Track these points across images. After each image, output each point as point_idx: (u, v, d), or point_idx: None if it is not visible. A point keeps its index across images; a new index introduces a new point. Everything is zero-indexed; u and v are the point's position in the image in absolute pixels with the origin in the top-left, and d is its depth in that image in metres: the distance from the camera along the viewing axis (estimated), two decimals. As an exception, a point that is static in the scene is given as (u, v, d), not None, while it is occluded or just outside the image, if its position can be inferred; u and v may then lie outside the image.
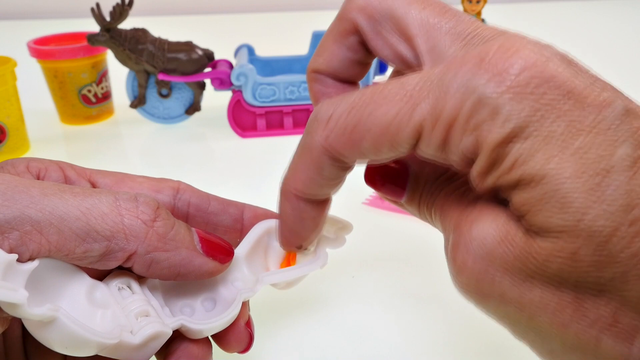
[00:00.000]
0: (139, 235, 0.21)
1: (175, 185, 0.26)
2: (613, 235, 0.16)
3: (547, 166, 0.16)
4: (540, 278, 0.17)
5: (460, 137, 0.17)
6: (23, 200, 0.19)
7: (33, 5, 1.17)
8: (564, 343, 0.17)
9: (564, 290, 0.16)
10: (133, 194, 0.22)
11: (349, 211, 0.39)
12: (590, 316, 0.16)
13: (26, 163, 0.23)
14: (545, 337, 0.17)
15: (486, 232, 0.18)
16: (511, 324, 0.18)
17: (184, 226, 0.23)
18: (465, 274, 0.18)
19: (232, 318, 0.24)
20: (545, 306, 0.17)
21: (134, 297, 0.22)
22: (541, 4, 1.19)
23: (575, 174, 0.16)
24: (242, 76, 0.55)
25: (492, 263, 0.17)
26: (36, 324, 0.18)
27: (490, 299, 0.18)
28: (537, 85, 0.16)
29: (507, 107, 0.16)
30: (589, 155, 0.16)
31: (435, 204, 0.22)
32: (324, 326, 0.32)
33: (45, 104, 0.63)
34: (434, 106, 0.17)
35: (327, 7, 1.26)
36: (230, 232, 0.27)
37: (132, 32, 0.55)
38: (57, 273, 0.21)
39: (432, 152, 0.18)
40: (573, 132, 0.16)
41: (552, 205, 0.16)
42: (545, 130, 0.16)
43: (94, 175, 0.25)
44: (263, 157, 0.54)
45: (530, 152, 0.16)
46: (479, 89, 0.16)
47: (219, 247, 0.24)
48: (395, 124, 0.18)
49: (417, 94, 0.17)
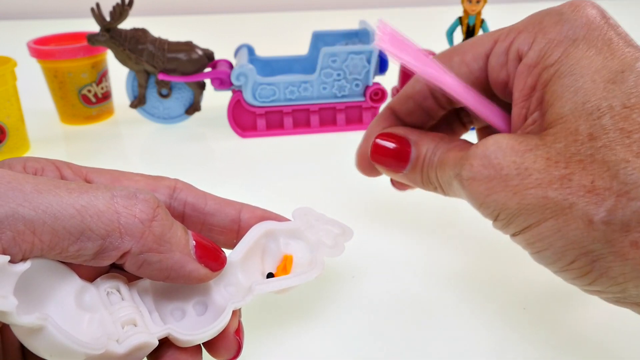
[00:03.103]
0: (134, 234, 0.21)
1: (171, 184, 0.26)
2: (607, 113, 0.21)
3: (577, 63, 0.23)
4: (542, 152, 0.22)
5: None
6: (16, 197, 0.18)
7: (33, 5, 1.17)
8: (544, 207, 0.22)
9: (560, 160, 0.22)
10: (132, 191, 0.22)
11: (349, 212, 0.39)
12: (574, 184, 0.21)
13: (23, 163, 0.23)
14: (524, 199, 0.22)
15: (500, 139, 0.23)
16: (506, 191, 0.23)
17: (181, 228, 0.23)
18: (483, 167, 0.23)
19: (221, 328, 0.23)
20: (539, 169, 0.22)
21: (123, 304, 0.22)
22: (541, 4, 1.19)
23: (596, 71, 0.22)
24: (242, 76, 0.55)
25: (505, 155, 0.23)
26: (24, 331, 0.18)
27: (494, 181, 0.23)
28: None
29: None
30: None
31: (437, 162, 0.27)
32: (321, 329, 0.32)
33: (45, 104, 0.63)
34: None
35: (327, 7, 1.26)
36: (227, 233, 0.27)
37: (132, 32, 0.55)
38: (48, 274, 0.21)
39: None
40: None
41: (571, 92, 0.22)
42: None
43: (90, 174, 0.25)
44: (263, 157, 0.54)
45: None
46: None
47: (213, 254, 0.24)
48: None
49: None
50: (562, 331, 0.31)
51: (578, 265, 0.22)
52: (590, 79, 0.22)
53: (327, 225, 0.29)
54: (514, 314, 0.32)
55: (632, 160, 0.20)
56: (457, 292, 0.34)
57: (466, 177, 0.24)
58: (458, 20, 0.60)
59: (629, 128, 0.21)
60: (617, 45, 0.23)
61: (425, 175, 0.28)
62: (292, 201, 0.40)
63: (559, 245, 0.22)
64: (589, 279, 0.22)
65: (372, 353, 0.30)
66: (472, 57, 0.27)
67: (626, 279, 0.21)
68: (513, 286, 0.35)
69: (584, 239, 0.21)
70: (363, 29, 0.61)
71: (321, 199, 0.45)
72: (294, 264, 0.28)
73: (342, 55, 0.55)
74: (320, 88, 0.57)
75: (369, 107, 0.58)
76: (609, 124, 0.21)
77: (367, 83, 0.57)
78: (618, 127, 0.21)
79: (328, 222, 0.30)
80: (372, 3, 1.26)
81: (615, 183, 0.20)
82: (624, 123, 0.21)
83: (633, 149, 0.20)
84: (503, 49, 0.26)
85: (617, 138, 0.21)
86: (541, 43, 0.24)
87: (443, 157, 0.27)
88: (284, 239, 0.28)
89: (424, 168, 0.28)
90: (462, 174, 0.24)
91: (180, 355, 0.23)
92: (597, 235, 0.21)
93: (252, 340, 0.30)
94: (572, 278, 0.23)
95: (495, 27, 0.30)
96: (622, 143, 0.20)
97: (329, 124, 0.59)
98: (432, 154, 0.27)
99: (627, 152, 0.20)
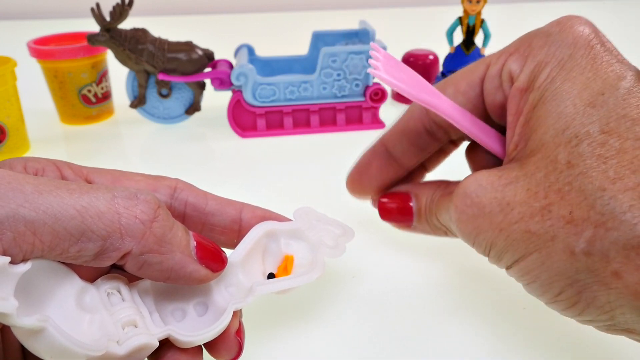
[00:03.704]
0: (135, 235, 0.21)
1: (172, 184, 0.26)
2: (585, 140, 0.21)
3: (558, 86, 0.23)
4: (523, 183, 0.22)
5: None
6: (17, 198, 0.18)
7: (33, 5, 1.17)
8: (528, 241, 0.22)
9: (540, 190, 0.22)
10: (133, 191, 0.21)
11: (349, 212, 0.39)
12: (553, 215, 0.21)
13: (24, 163, 0.23)
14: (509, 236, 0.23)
15: (479, 177, 0.24)
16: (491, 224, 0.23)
17: (182, 229, 0.23)
18: (467, 201, 0.24)
19: (221, 329, 0.23)
20: (520, 202, 0.22)
21: (123, 305, 0.22)
22: (541, 4, 1.19)
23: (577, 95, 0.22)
24: (242, 76, 0.55)
25: (484, 191, 0.23)
26: (25, 333, 0.18)
27: (479, 218, 0.24)
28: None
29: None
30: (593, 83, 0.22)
31: (435, 208, 0.28)
32: (321, 329, 0.32)
33: (45, 104, 0.63)
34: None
35: (327, 7, 1.26)
36: (228, 233, 0.27)
37: (132, 32, 0.55)
38: (48, 275, 0.21)
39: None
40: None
41: (552, 118, 0.22)
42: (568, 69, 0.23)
43: (90, 174, 0.25)
44: (263, 157, 0.54)
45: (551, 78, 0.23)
46: None
47: (214, 255, 0.24)
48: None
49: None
50: (562, 331, 0.31)
51: (566, 296, 0.22)
52: (572, 103, 0.22)
53: (328, 226, 0.29)
54: (514, 314, 0.32)
55: (609, 189, 0.20)
56: (457, 292, 0.35)
57: (454, 218, 0.25)
58: (458, 20, 0.60)
59: (605, 154, 0.20)
60: (602, 63, 0.22)
61: (431, 223, 0.28)
62: (292, 201, 0.40)
63: (545, 277, 0.22)
64: (578, 309, 0.22)
65: (373, 354, 0.30)
66: (467, 85, 0.27)
67: (612, 307, 0.20)
68: (513, 286, 0.35)
69: (567, 270, 0.21)
70: (363, 29, 0.61)
71: (321, 199, 0.45)
72: (295, 264, 0.28)
73: (342, 55, 0.55)
74: (320, 88, 0.57)
75: (369, 107, 0.58)
76: (587, 151, 0.21)
77: (367, 83, 0.57)
78: (595, 153, 0.20)
79: (329, 223, 0.30)
80: (372, 3, 1.26)
81: (592, 213, 0.20)
82: (601, 149, 0.20)
83: (609, 175, 0.20)
84: (496, 71, 0.26)
85: (593, 165, 0.20)
86: (531, 65, 0.24)
87: (439, 201, 0.27)
88: (285, 239, 0.28)
89: (427, 218, 0.28)
90: (451, 215, 0.25)
91: (181, 356, 0.23)
92: (579, 266, 0.20)
93: (253, 341, 0.30)
94: (563, 309, 0.22)
95: (495, 27, 0.30)
96: (598, 169, 0.20)
97: (329, 124, 0.59)
98: (430, 201, 0.28)
99: (604, 179, 0.20)
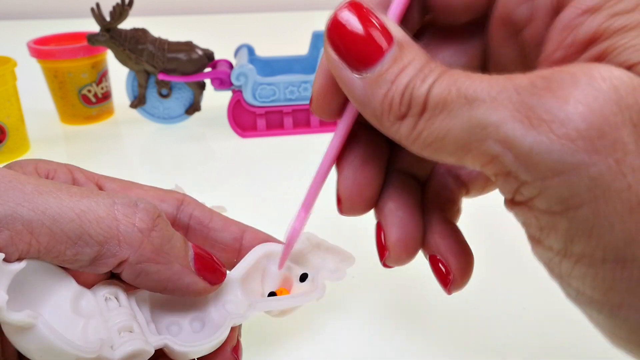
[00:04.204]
0: (133, 243, 0.20)
1: (180, 197, 0.26)
2: None
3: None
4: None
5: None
6: (16, 197, 0.18)
7: (33, 5, 1.17)
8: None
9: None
10: (133, 199, 0.21)
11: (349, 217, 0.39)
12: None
13: (34, 164, 0.23)
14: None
15: (619, 74, 0.15)
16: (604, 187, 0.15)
17: (181, 239, 0.22)
18: (589, 117, 0.14)
19: (219, 343, 0.23)
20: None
21: (120, 310, 0.22)
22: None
23: None
24: (242, 76, 0.55)
25: (621, 110, 0.15)
26: (14, 329, 0.18)
27: (602, 153, 0.15)
28: None
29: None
30: None
31: (448, 92, 0.17)
32: (320, 336, 0.32)
33: (45, 104, 0.63)
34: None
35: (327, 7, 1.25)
36: (229, 250, 0.27)
37: (132, 32, 0.55)
38: (44, 276, 0.20)
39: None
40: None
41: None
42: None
43: (101, 180, 0.25)
44: (263, 157, 0.54)
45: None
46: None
47: (212, 267, 0.23)
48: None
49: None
50: (562, 331, 0.31)
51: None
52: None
53: (328, 251, 0.29)
54: (514, 314, 0.32)
55: None
56: (457, 292, 0.34)
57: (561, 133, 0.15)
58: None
59: None
60: None
61: (403, 100, 0.17)
62: (292, 201, 0.40)
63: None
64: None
65: (374, 354, 0.30)
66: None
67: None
68: (513, 286, 0.35)
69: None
70: (363, 29, 0.61)
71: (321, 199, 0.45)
72: (294, 286, 0.28)
73: (342, 55, 0.55)
74: (320, 88, 0.57)
75: (369, 107, 0.58)
76: None
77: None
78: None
79: (329, 249, 0.30)
80: (372, 3, 1.26)
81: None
82: None
83: None
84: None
85: None
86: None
87: (462, 86, 0.16)
88: (286, 262, 0.28)
89: (406, 89, 0.17)
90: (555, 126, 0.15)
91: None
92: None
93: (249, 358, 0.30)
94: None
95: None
96: None
97: (329, 124, 0.59)
98: (427, 72, 0.17)
99: None
